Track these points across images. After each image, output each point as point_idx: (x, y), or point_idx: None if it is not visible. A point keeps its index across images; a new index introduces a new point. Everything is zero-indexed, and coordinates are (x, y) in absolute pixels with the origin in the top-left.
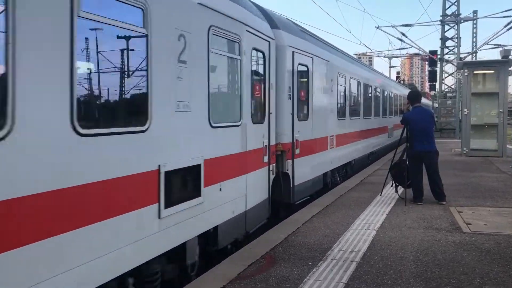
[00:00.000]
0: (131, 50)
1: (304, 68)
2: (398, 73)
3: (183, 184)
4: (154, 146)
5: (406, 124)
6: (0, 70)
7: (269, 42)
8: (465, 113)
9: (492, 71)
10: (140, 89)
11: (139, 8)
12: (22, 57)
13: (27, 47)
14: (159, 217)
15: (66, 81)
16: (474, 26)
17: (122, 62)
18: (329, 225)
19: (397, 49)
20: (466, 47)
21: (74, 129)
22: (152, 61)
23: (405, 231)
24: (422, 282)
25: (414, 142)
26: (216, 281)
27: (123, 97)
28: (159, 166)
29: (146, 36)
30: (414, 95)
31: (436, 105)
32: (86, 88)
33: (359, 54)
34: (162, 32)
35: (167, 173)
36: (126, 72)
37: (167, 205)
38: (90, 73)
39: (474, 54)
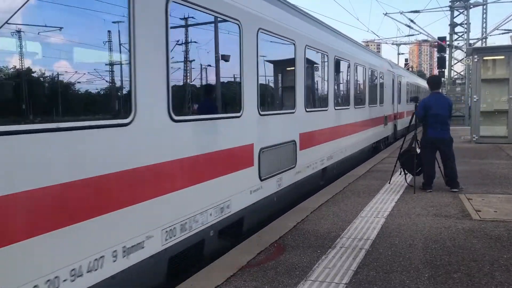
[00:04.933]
0: None
1: None
2: (406, 60)
3: None
4: None
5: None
6: None
7: None
8: (475, 99)
9: (502, 57)
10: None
11: None
12: None
13: None
14: None
15: None
16: (484, 11)
17: None
18: (338, 213)
19: (405, 36)
20: (475, 32)
21: None
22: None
23: (414, 218)
24: (431, 269)
25: (428, 128)
26: (226, 268)
27: None
28: None
29: None
30: (433, 81)
31: (445, 92)
32: None
33: (367, 42)
34: None
35: None
36: None
37: None
38: None
39: (483, 40)
